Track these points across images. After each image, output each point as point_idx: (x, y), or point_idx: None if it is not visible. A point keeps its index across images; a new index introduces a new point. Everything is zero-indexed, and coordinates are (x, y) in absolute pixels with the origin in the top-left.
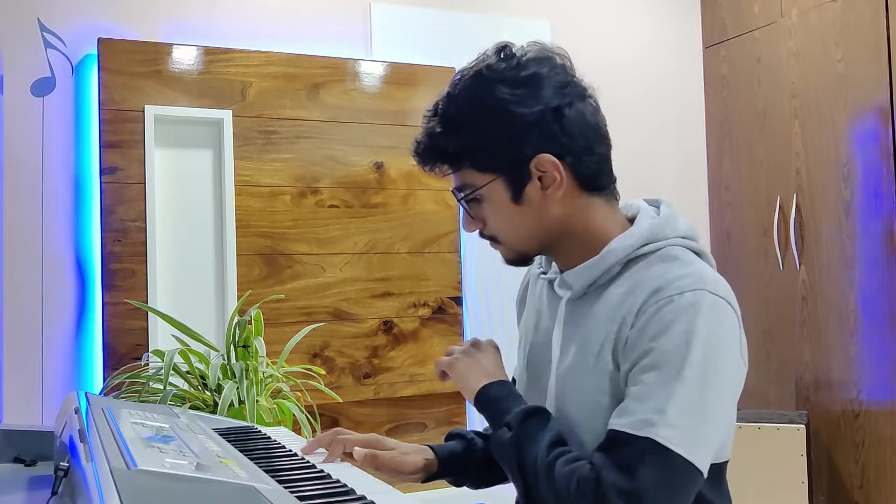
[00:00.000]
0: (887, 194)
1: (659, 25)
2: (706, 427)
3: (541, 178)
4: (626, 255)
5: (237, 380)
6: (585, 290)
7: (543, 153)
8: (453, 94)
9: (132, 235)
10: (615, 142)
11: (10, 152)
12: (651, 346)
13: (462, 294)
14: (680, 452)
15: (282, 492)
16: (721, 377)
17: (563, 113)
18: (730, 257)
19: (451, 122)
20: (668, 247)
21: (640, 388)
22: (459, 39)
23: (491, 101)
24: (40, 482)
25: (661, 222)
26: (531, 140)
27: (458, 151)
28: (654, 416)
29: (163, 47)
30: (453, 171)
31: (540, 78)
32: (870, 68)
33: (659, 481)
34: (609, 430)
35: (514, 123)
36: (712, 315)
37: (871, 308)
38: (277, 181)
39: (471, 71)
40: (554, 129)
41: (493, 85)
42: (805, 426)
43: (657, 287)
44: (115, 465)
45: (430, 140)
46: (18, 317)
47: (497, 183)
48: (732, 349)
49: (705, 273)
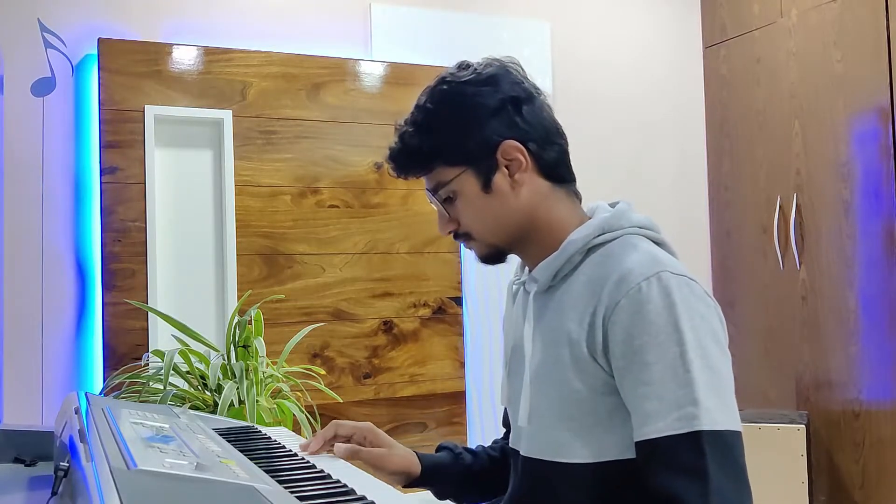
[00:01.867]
0: (887, 194)
1: (659, 25)
2: (726, 391)
3: (507, 166)
4: (585, 244)
5: (237, 380)
6: (550, 281)
7: (507, 140)
8: (421, 103)
9: (132, 235)
10: (615, 141)
11: (10, 152)
12: (642, 342)
13: (462, 294)
14: (727, 428)
15: (282, 492)
16: (712, 346)
17: (521, 104)
18: (730, 257)
19: (420, 123)
20: (624, 235)
21: (654, 387)
22: (459, 39)
23: (456, 98)
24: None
25: (617, 213)
26: (495, 128)
27: (429, 149)
28: (690, 408)
29: (163, 47)
30: (426, 172)
31: (498, 76)
32: (869, 68)
33: (725, 466)
34: (645, 442)
35: (478, 114)
36: (683, 294)
37: (871, 308)
38: (277, 181)
39: (436, 81)
40: (515, 118)
41: (457, 86)
42: (805, 426)
43: (619, 277)
44: (115, 465)
45: (402, 143)
46: (18, 317)
47: (467, 174)
48: (712, 319)
49: (659, 255)
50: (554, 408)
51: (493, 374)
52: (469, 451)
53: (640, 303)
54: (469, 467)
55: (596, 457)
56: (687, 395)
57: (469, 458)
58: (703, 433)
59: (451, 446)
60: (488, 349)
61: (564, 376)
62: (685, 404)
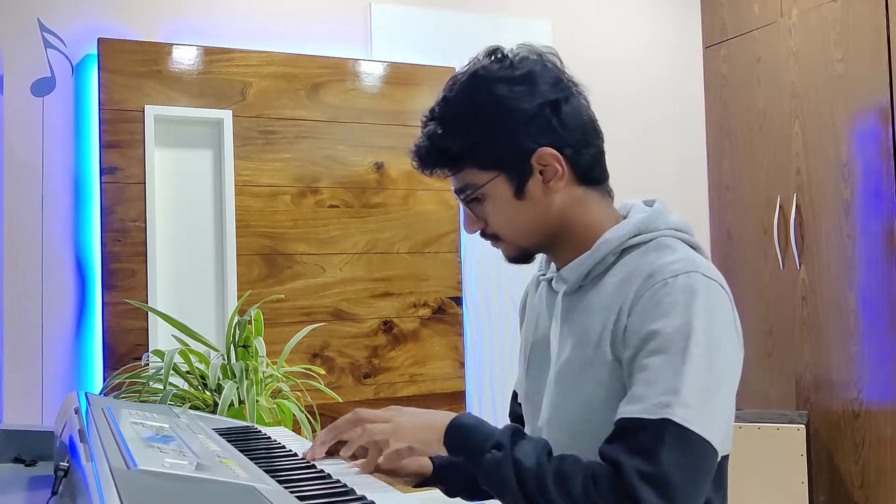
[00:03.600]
0: (887, 194)
1: (659, 25)
2: (717, 405)
3: (542, 171)
4: (620, 244)
5: (237, 380)
6: (581, 282)
7: (544, 147)
8: (450, 97)
9: (132, 235)
10: (615, 141)
11: (10, 152)
12: (652, 329)
13: (462, 294)
14: (697, 431)
15: (282, 492)
16: (724, 355)
17: (559, 107)
18: (730, 257)
19: (451, 123)
20: (660, 237)
21: (648, 373)
22: (459, 39)
23: (489, 99)
24: (40, 482)
25: (653, 214)
26: (531, 135)
27: (459, 151)
28: (669, 398)
29: (163, 47)
30: (454, 172)
31: (534, 75)
32: (870, 68)
33: (681, 462)
34: (619, 420)
35: (514, 119)
36: (708, 296)
37: (871, 308)
38: (277, 181)
39: (466, 73)
40: (552, 123)
41: (490, 84)
42: (805, 426)
43: (650, 273)
44: (115, 465)
45: (430, 143)
46: (18, 317)
47: (499, 180)
48: (730, 329)
49: (696, 258)
50: (575, 411)
51: (494, 374)
52: None
53: (662, 295)
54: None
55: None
56: (672, 387)
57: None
58: (670, 423)
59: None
60: (488, 349)
61: (588, 378)
62: (666, 393)
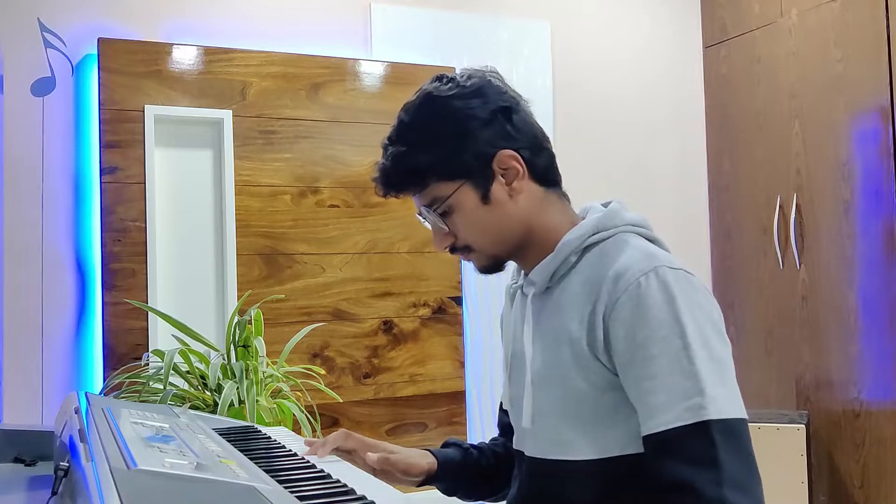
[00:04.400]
0: (887, 194)
1: (659, 25)
2: (731, 381)
3: (503, 174)
4: (580, 244)
5: (237, 380)
6: (547, 283)
7: (502, 150)
8: (409, 119)
9: (132, 235)
10: (615, 141)
11: (10, 152)
12: (644, 335)
13: (462, 294)
14: (734, 416)
15: (282, 492)
16: (712, 333)
17: (511, 113)
18: (730, 257)
19: (414, 141)
20: (618, 234)
21: (659, 380)
22: (459, 39)
23: (446, 113)
24: (40, 482)
25: (610, 213)
26: (489, 140)
27: (425, 166)
28: (697, 399)
29: (163, 47)
30: (420, 190)
31: (483, 88)
32: (870, 68)
33: (736, 453)
34: (653, 435)
35: (472, 128)
36: (681, 287)
37: (870, 308)
38: (277, 181)
39: (419, 97)
40: (507, 128)
41: (445, 100)
42: (805, 426)
43: (616, 274)
44: (115, 465)
45: (396, 163)
46: (18, 317)
47: (465, 188)
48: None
49: (655, 252)
50: (557, 407)
51: (494, 374)
52: (475, 447)
53: (640, 298)
54: (477, 462)
55: (600, 453)
56: (693, 386)
57: (476, 453)
58: (712, 422)
59: (459, 442)
60: (488, 349)
61: (566, 375)
62: (692, 395)
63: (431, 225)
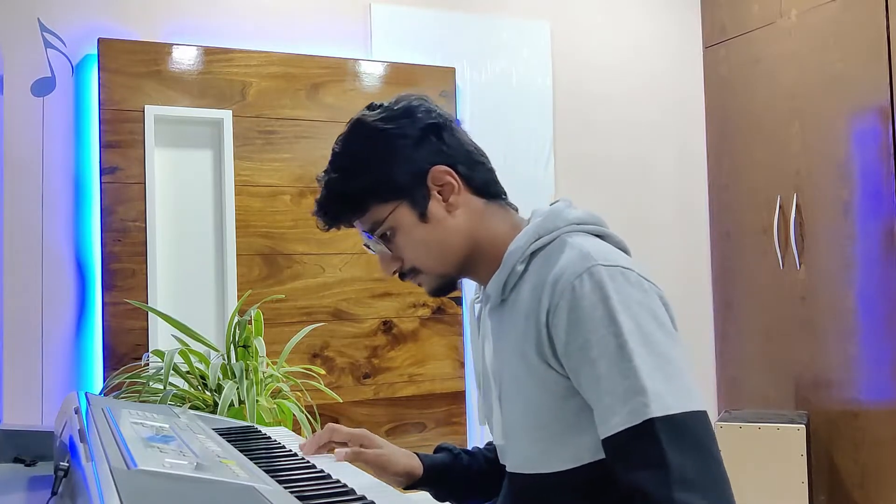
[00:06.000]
0: (887, 194)
1: (659, 26)
2: (675, 372)
3: (440, 191)
4: (523, 252)
5: (237, 380)
6: (500, 296)
7: (435, 165)
8: (341, 148)
9: (132, 235)
10: (615, 141)
11: (10, 152)
12: (583, 339)
13: (462, 294)
14: (681, 411)
15: (282, 492)
16: (651, 327)
17: (441, 130)
18: (730, 257)
19: (347, 167)
20: (561, 235)
21: (603, 383)
22: (459, 39)
23: (376, 136)
24: (40, 482)
25: (550, 215)
26: (421, 157)
27: (360, 190)
28: (639, 398)
29: (163, 47)
30: (360, 214)
31: (412, 108)
32: (869, 68)
33: (684, 448)
34: (606, 440)
35: (402, 147)
36: (615, 283)
37: (870, 308)
38: (277, 181)
39: (349, 126)
40: (437, 145)
41: (374, 123)
42: (805, 426)
43: (554, 279)
44: (115, 465)
45: (331, 191)
46: (18, 317)
47: (402, 207)
48: (645, 301)
49: (590, 249)
50: (522, 421)
51: None
52: (467, 453)
53: (574, 301)
54: (468, 468)
55: (575, 461)
56: (633, 385)
57: (467, 458)
58: (656, 420)
59: (450, 447)
60: None
61: (525, 387)
62: (633, 395)
63: (376, 251)
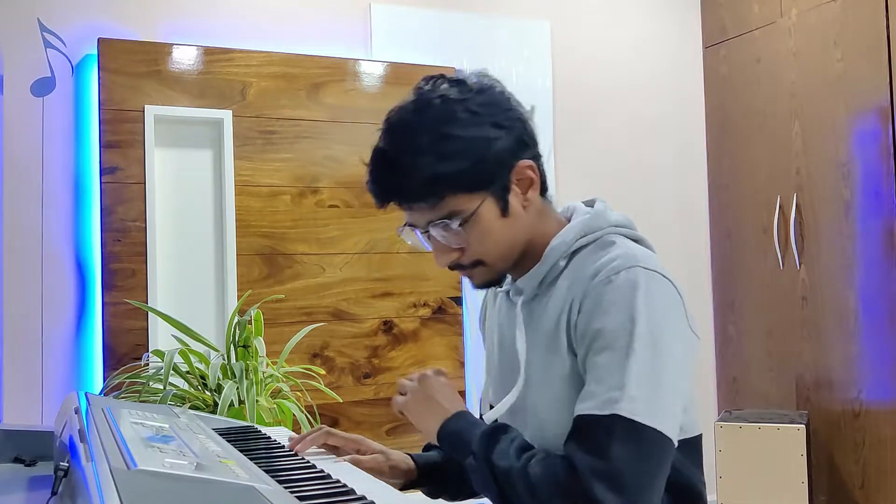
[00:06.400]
0: (887, 194)
1: (659, 25)
2: (665, 394)
3: (517, 184)
4: (567, 249)
5: (237, 380)
6: (536, 290)
7: (521, 160)
8: (417, 124)
9: (132, 235)
10: (615, 141)
11: (10, 152)
12: (598, 327)
13: (462, 294)
14: (645, 422)
15: (282, 492)
16: (669, 345)
17: (527, 121)
18: (730, 257)
19: (436, 147)
20: (604, 235)
21: (597, 370)
22: (459, 39)
23: (471, 117)
24: (40, 482)
25: (595, 215)
26: (512, 149)
27: (447, 178)
28: (616, 393)
29: (163, 47)
30: (433, 201)
31: (503, 95)
32: (870, 68)
33: (631, 455)
34: (575, 418)
35: (497, 135)
36: (649, 288)
37: (871, 308)
38: (277, 181)
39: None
40: (524, 138)
41: (467, 104)
42: (805, 426)
43: (594, 272)
44: (115, 465)
45: (411, 173)
46: (18, 317)
47: (489, 201)
48: (676, 318)
49: (637, 252)
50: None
51: None
52: None
53: (605, 292)
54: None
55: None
56: (618, 382)
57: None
58: (619, 418)
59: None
60: None
61: (553, 380)
62: (613, 389)
63: (435, 240)
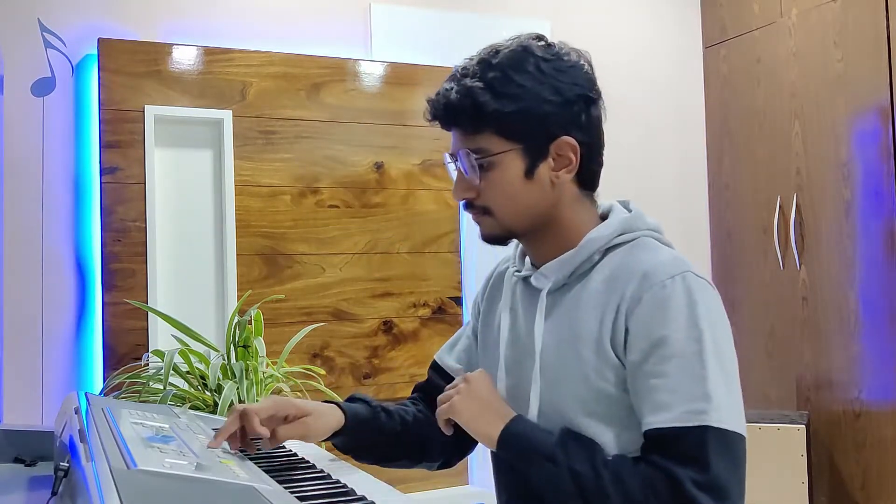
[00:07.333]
0: (887, 194)
1: (659, 25)
2: (737, 398)
3: (556, 159)
4: (605, 243)
5: (237, 380)
6: (566, 280)
7: (567, 136)
8: (496, 61)
9: (132, 235)
10: (615, 141)
11: (10, 152)
12: (662, 335)
13: (462, 294)
14: (734, 429)
15: (282, 492)
16: (727, 350)
17: (591, 105)
18: (730, 257)
19: (491, 81)
20: (641, 237)
21: (667, 379)
22: (459, 39)
23: (537, 73)
24: (40, 482)
25: (634, 216)
26: (560, 121)
27: (491, 112)
28: (702, 404)
29: (163, 47)
30: (471, 132)
31: (580, 68)
32: (870, 68)
33: (728, 464)
34: (651, 430)
35: (553, 100)
36: (704, 296)
37: (871, 308)
38: (277, 181)
39: (515, 45)
40: (581, 118)
41: (540, 61)
42: (805, 426)
43: (644, 272)
44: (115, 465)
45: (464, 94)
46: (18, 317)
47: (515, 153)
48: (725, 324)
49: (684, 258)
50: (576, 404)
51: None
52: (384, 409)
53: (663, 299)
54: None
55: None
56: (700, 392)
57: (384, 416)
58: (710, 429)
59: (367, 399)
60: None
61: (588, 374)
62: (697, 399)
63: (459, 171)
